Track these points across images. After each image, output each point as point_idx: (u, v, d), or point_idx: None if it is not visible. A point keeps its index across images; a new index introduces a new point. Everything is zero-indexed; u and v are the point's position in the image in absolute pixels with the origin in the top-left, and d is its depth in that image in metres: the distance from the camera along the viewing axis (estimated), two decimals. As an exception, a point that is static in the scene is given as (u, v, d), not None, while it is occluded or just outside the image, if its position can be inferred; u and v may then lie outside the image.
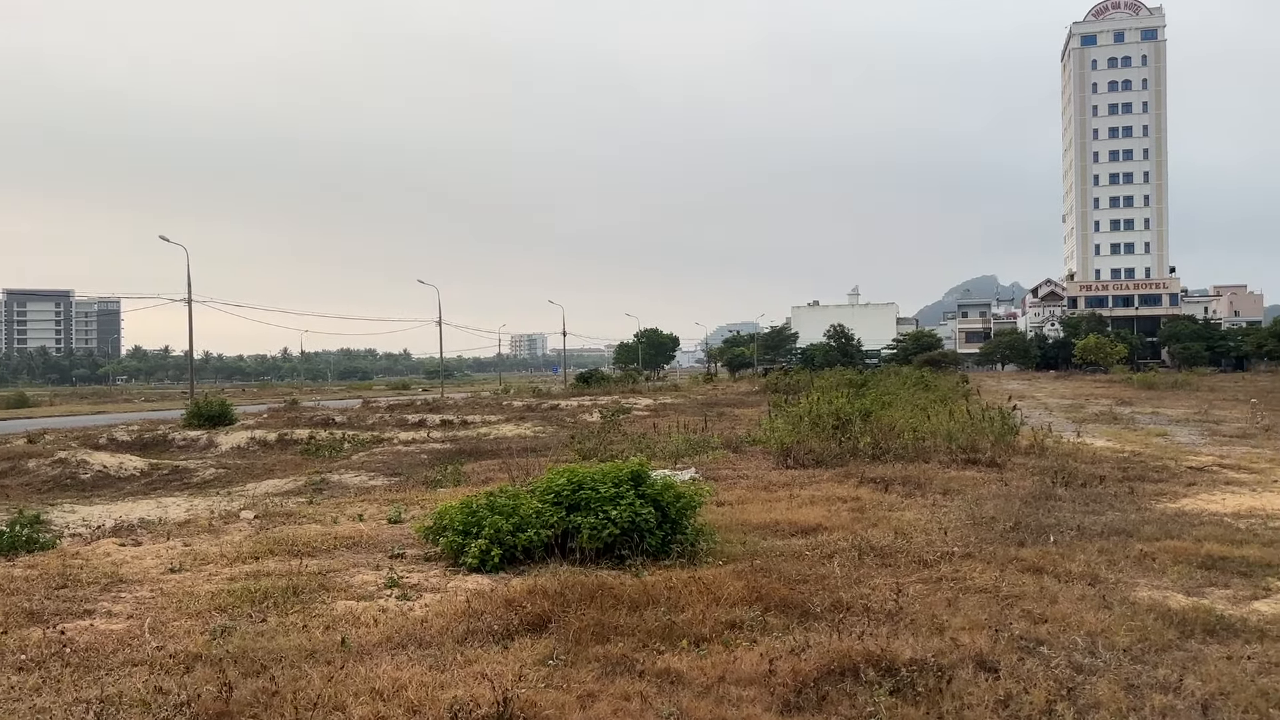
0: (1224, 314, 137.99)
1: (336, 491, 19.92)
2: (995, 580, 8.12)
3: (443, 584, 8.43)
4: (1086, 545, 9.70)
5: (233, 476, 25.44)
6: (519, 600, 7.28)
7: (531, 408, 47.39)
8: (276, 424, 39.52)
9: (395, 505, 13.26)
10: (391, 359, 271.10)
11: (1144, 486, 14.23)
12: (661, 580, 7.98)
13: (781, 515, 11.53)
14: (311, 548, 10.08)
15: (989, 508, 11.99)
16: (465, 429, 36.55)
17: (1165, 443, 22.39)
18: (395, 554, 9.76)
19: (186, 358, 71.86)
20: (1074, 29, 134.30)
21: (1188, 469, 16.43)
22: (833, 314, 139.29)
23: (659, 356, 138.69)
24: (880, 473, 15.00)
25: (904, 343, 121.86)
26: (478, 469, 19.96)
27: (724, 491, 13.31)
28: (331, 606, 7.69)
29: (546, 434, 32.15)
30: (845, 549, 9.44)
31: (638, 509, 9.24)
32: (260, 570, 9.03)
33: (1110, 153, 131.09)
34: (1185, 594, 7.92)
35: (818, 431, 17.94)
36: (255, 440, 35.08)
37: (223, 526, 12.10)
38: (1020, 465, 16.21)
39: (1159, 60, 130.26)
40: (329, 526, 11.69)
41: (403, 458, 25.81)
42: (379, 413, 46.23)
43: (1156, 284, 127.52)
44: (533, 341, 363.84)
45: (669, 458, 18.36)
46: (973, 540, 9.89)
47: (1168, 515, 11.66)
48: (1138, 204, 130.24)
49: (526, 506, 9.41)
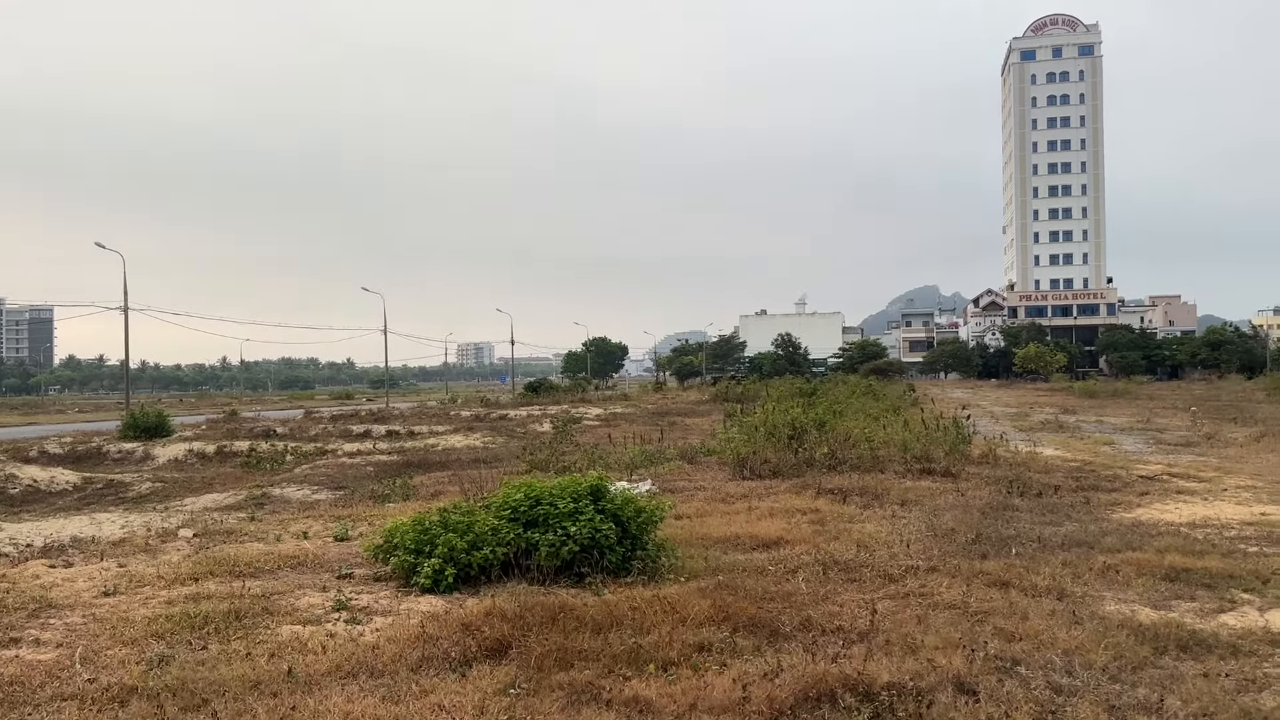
0: (1159, 324, 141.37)
1: (279, 506, 19.30)
2: (963, 595, 7.98)
3: (394, 606, 8.07)
4: (1049, 557, 9.63)
5: (170, 490, 24.61)
6: (476, 624, 6.95)
7: (480, 418, 46.79)
8: (215, 435, 38.50)
9: (341, 522, 12.81)
10: (334, 368, 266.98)
11: (1098, 496, 14.29)
12: (624, 599, 7.71)
13: (742, 528, 11.32)
14: (254, 568, 9.63)
15: (948, 519, 11.91)
16: (412, 440, 35.89)
17: (1113, 451, 22.66)
18: (343, 574, 9.36)
19: (122, 367, 69.98)
20: (1014, 44, 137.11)
21: (1139, 478, 16.57)
22: (780, 323, 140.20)
23: (608, 365, 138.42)
24: (837, 483, 14.88)
25: (850, 352, 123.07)
26: (427, 482, 19.48)
27: (682, 504, 13.07)
28: (276, 632, 7.30)
29: (497, 444, 31.67)
30: (809, 563, 9.25)
31: (598, 525, 8.96)
32: (200, 593, 8.58)
33: (1049, 165, 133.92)
34: (1153, 607, 7.85)
35: (773, 442, 17.79)
36: (193, 452, 34.10)
37: (160, 545, 11.57)
38: (975, 475, 16.21)
39: (1095, 76, 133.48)
40: (272, 545, 11.23)
41: (347, 470, 25.18)
42: (322, 423, 45.30)
43: (1094, 294, 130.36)
44: (480, 350, 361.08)
45: (624, 469, 18.08)
46: (935, 553, 9.77)
47: (1125, 525, 11.67)
48: (1076, 216, 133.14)
49: (482, 523, 9.07)
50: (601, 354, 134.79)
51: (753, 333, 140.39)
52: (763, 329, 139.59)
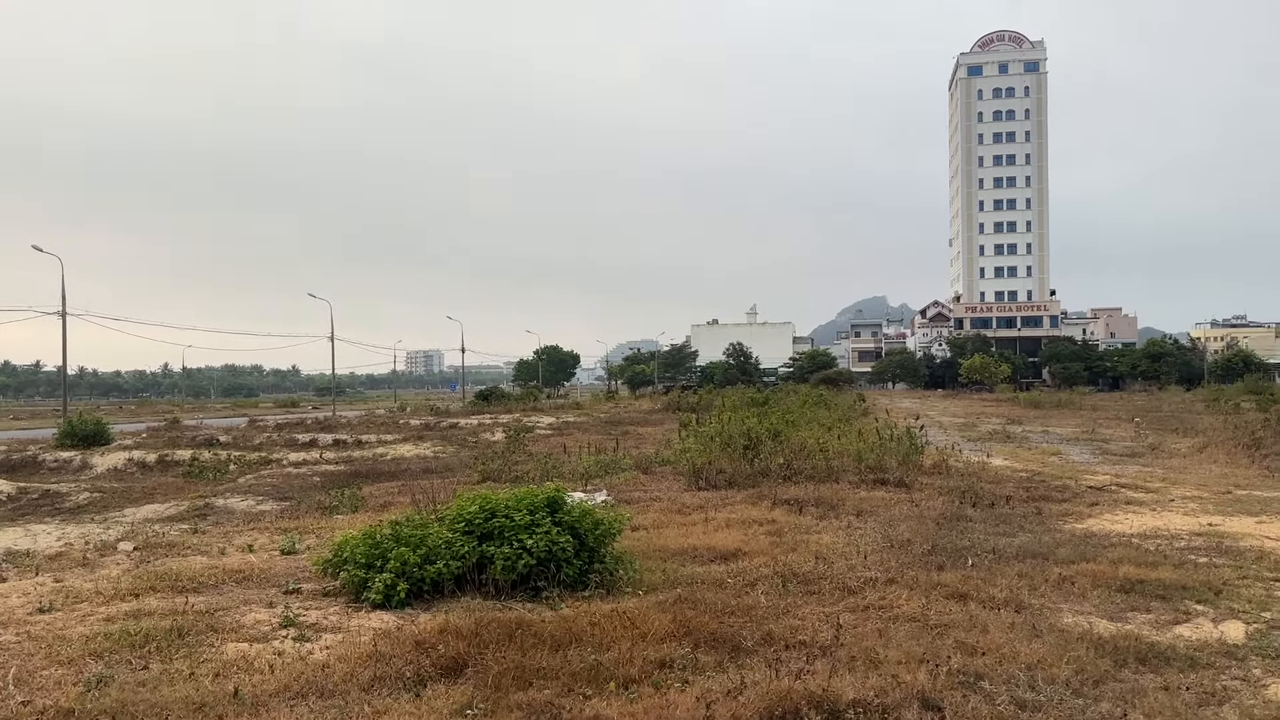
0: (1101, 335, 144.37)
1: (222, 517, 18.83)
2: (922, 608, 7.94)
3: (344, 623, 7.82)
4: (1005, 569, 9.65)
5: (109, 501, 23.93)
6: (431, 641, 6.75)
7: (430, 426, 46.22)
8: (157, 444, 37.56)
9: (288, 534, 12.47)
10: (280, 375, 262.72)
11: (1049, 507, 14.42)
12: (583, 614, 7.55)
13: (699, 540, 11.22)
14: (197, 583, 9.31)
15: (903, 529, 11.92)
16: (360, 449, 35.34)
17: (1061, 461, 22.96)
18: (290, 589, 9.08)
19: (60, 373, 68.16)
20: (961, 59, 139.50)
21: (1088, 488, 16.77)
22: (731, 333, 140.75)
23: (560, 374, 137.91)
24: (793, 494, 14.85)
25: (800, 361, 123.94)
26: (376, 492, 19.14)
27: (638, 515, 12.93)
28: (221, 650, 7.03)
29: (448, 454, 31.27)
30: (768, 576, 9.17)
31: (554, 537, 8.80)
32: (141, 609, 8.26)
33: (995, 179, 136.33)
34: (1110, 619, 7.88)
35: (729, 452, 17.74)
36: (134, 461, 33.24)
37: (99, 559, 11.16)
38: (927, 485, 16.29)
39: (1040, 92, 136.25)
40: (216, 558, 10.89)
41: (293, 480, 24.67)
42: (267, 432, 44.44)
43: (1038, 306, 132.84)
44: (430, 358, 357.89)
45: (578, 479, 17.91)
46: (893, 565, 9.74)
47: (1078, 536, 11.77)
48: (1020, 229, 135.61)
49: (435, 536, 8.86)
50: (553, 362, 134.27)
51: (704, 342, 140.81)
52: (714, 338, 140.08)
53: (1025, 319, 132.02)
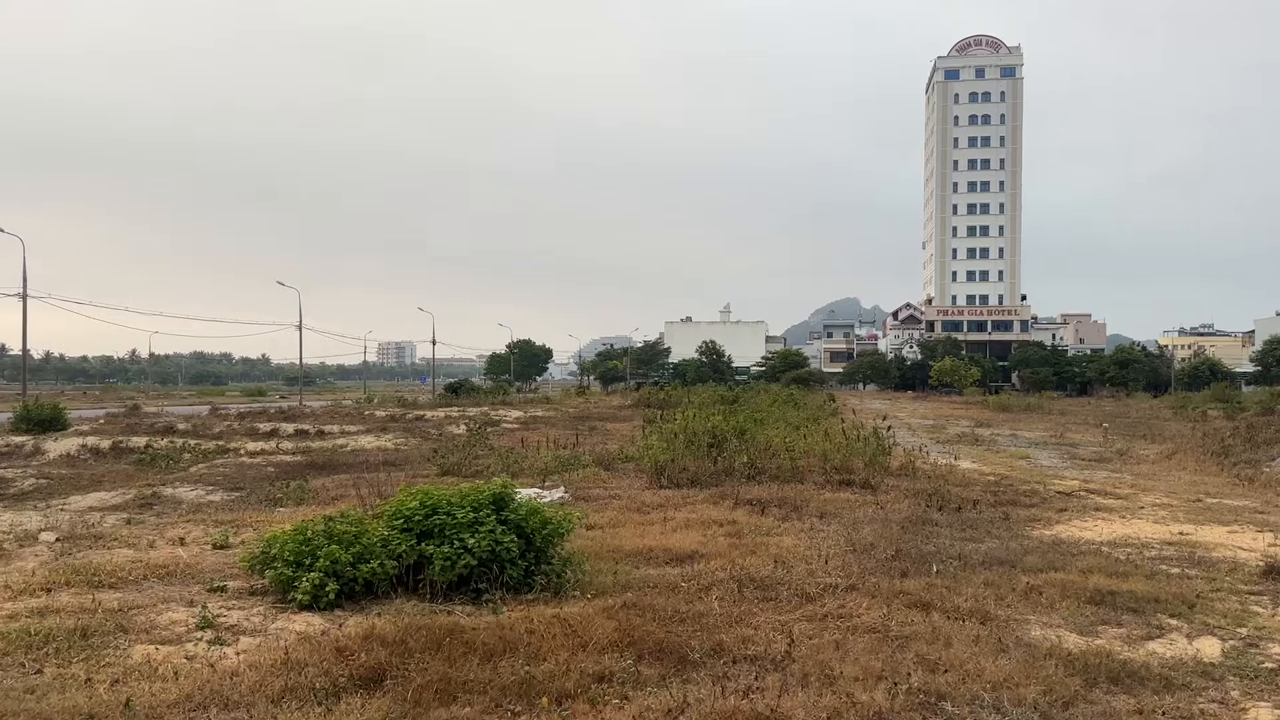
0: (1070, 341, 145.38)
1: (168, 507, 18.17)
2: (883, 618, 7.51)
3: (266, 625, 7.29)
4: (971, 576, 9.25)
5: (55, 487, 23.13)
6: (352, 648, 6.23)
7: (395, 418, 45.48)
8: (113, 430, 36.64)
9: (223, 528, 11.87)
10: (249, 364, 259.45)
11: (1017, 512, 14.08)
12: (521, 620, 7.06)
13: (655, 541, 10.75)
14: (117, 578, 8.72)
15: (867, 533, 11.52)
16: (321, 440, 34.59)
17: (1029, 465, 22.71)
18: (215, 587, 8.51)
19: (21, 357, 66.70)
20: (938, 63, 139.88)
21: (1056, 494, 16.46)
22: (705, 330, 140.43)
23: (532, 368, 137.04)
24: (756, 494, 14.42)
25: (773, 361, 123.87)
26: (328, 485, 18.53)
27: (595, 513, 12.46)
28: (127, 653, 6.49)
29: (409, 447, 30.63)
30: (724, 580, 8.71)
31: (499, 537, 8.29)
32: (49, 606, 7.68)
33: (969, 184, 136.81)
34: (1079, 633, 7.49)
35: (693, 450, 17.28)
36: (87, 448, 32.33)
37: (16, 550, 10.51)
38: (894, 487, 15.91)
39: (1016, 97, 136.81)
40: (143, 552, 10.28)
41: (247, 470, 23.99)
42: (228, 420, 43.51)
43: (1009, 310, 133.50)
44: (401, 350, 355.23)
45: (537, 475, 17.40)
46: (855, 570, 9.32)
47: (1046, 543, 11.41)
48: (993, 234, 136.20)
49: (371, 534, 8.33)
50: (526, 356, 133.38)
51: (678, 339, 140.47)
52: (688, 336, 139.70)
53: (996, 323, 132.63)
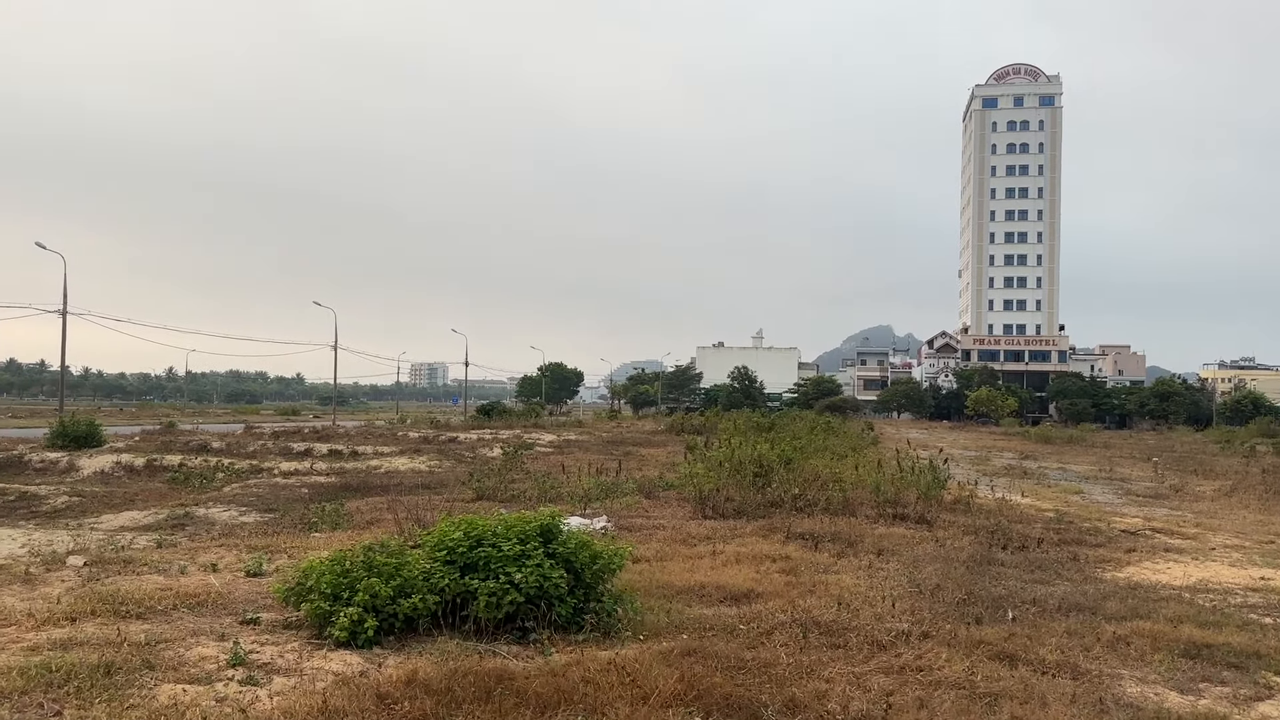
0: (1109, 373, 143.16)
1: (201, 527, 17.85)
2: (967, 671, 6.91)
3: (301, 663, 6.80)
4: (1051, 624, 8.62)
5: (88, 506, 22.95)
6: (394, 695, 5.73)
7: (429, 439, 45.20)
8: (147, 448, 36.59)
9: (256, 554, 11.44)
10: (284, 383, 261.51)
11: (1084, 551, 13.38)
12: (575, 665, 6.53)
13: (706, 576, 10.20)
14: (145, 608, 8.28)
15: (930, 572, 10.89)
16: (355, 460, 34.31)
17: (1084, 501, 21.90)
18: (248, 619, 8.05)
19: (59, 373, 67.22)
20: (976, 91, 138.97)
21: (1121, 532, 15.72)
22: (737, 356, 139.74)
23: (563, 391, 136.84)
24: (807, 527, 13.81)
25: (805, 387, 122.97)
26: (363, 508, 18.11)
27: (640, 545, 11.91)
28: (153, 694, 6.01)
29: (443, 469, 30.24)
30: (786, 623, 8.13)
31: (546, 571, 7.78)
32: (73, 638, 7.24)
33: (1006, 212, 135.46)
34: (1179, 692, 6.85)
35: (738, 479, 16.71)
36: (121, 465, 32.29)
37: (43, 575, 10.12)
38: (951, 523, 15.24)
39: (1055, 126, 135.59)
40: (173, 578, 9.86)
41: (280, 491, 23.67)
42: (262, 440, 43.41)
43: (1046, 341, 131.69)
44: (434, 371, 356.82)
45: (577, 502, 16.89)
46: (925, 615, 8.71)
47: (1122, 588, 10.72)
48: (1031, 263, 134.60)
49: (412, 566, 7.84)
50: (557, 379, 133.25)
51: (709, 364, 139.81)
52: (719, 361, 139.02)
53: (1033, 353, 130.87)
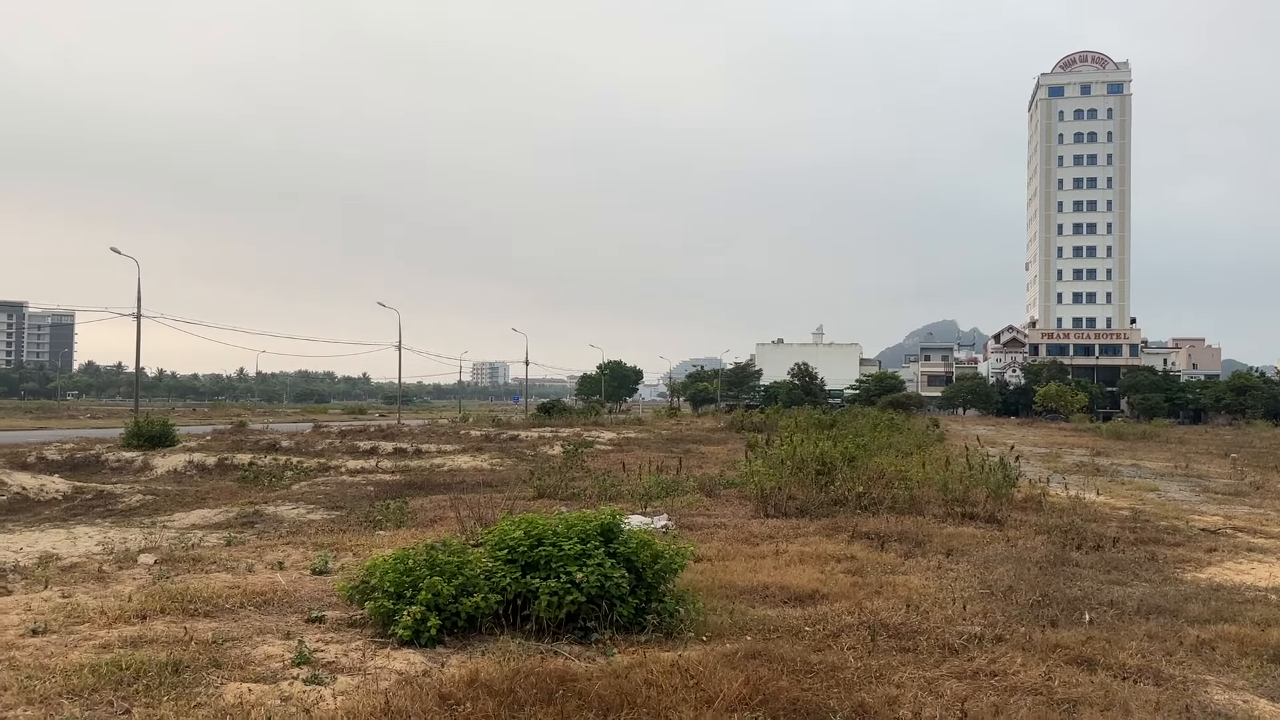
0: (1182, 366, 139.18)
1: (270, 525, 18.12)
2: (1043, 676, 6.67)
3: (365, 662, 6.81)
4: (1130, 627, 8.31)
5: (160, 504, 23.47)
6: (457, 696, 5.68)
7: (490, 438, 45.56)
8: (219, 447, 37.42)
9: (322, 551, 11.55)
10: (350, 382, 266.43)
11: (1162, 551, 12.91)
12: (638, 667, 6.43)
13: (770, 576, 10.04)
14: (212, 605, 8.39)
15: (1002, 573, 10.59)
16: (418, 459, 34.70)
17: (1160, 498, 21.22)
18: (313, 617, 8.11)
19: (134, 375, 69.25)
20: (1042, 80, 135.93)
21: (1200, 531, 15.17)
22: (797, 352, 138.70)
23: (622, 389, 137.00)
24: (872, 526, 13.55)
25: (867, 384, 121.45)
26: (426, 505, 18.24)
27: (702, 543, 11.78)
28: (220, 692, 6.06)
29: (504, 467, 30.42)
30: (852, 625, 7.95)
31: (608, 571, 7.70)
32: (143, 635, 7.35)
33: (1074, 203, 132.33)
34: (1271, 699, 6.54)
35: (800, 477, 16.48)
36: (193, 464, 33.04)
37: (115, 572, 10.33)
38: (1022, 522, 14.84)
39: (1124, 114, 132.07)
40: (241, 576, 9.99)
41: (347, 489, 23.99)
42: (329, 438, 44.15)
43: (1117, 334, 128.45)
44: (495, 370, 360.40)
45: (637, 500, 16.81)
46: (998, 617, 8.45)
47: (1204, 589, 10.31)
48: (1100, 254, 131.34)
49: (474, 564, 7.83)
50: (616, 377, 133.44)
51: (769, 361, 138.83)
52: (779, 358, 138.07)
53: (1104, 347, 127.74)
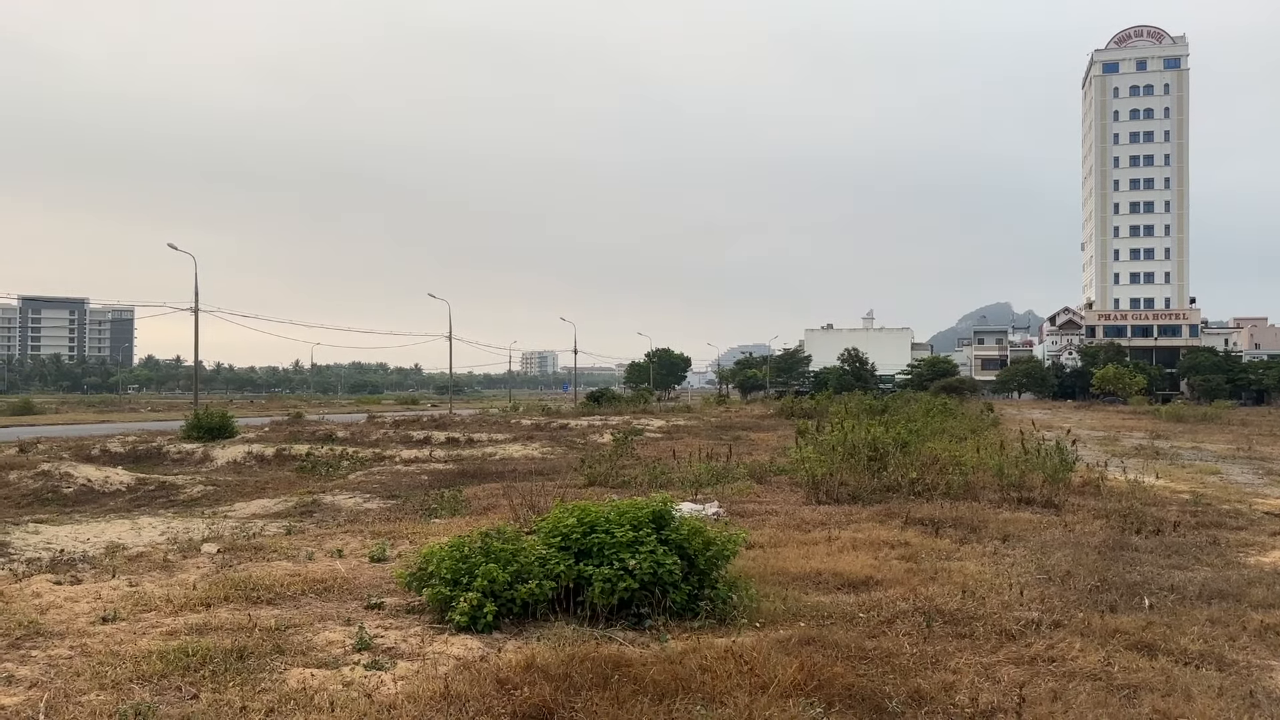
0: (1244, 346, 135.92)
1: (328, 514, 18.46)
2: (1103, 662, 6.58)
3: (423, 648, 6.93)
4: (1192, 612, 8.16)
5: (221, 494, 23.98)
6: (514, 680, 5.77)
7: (540, 426, 45.87)
8: (277, 438, 38.13)
9: (380, 540, 11.75)
10: (402, 373, 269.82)
11: (1224, 535, 12.64)
12: (692, 653, 6.47)
13: (823, 563, 10.01)
14: (275, 593, 8.59)
15: (1060, 559, 10.45)
16: (470, 448, 35.06)
17: (1221, 482, 20.76)
18: (372, 604, 8.27)
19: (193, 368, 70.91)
20: (1095, 56, 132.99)
21: (1264, 514, 14.83)
22: (846, 338, 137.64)
23: (670, 377, 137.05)
24: (926, 512, 13.43)
25: (919, 368, 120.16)
26: (479, 494, 18.45)
27: (753, 530, 11.77)
28: (283, 678, 6.20)
29: (555, 455, 30.63)
30: (907, 611, 7.91)
31: (660, 558, 7.75)
32: (208, 622, 7.55)
33: (1131, 181, 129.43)
34: (1339, 685, 6.38)
35: (851, 463, 16.38)
36: (252, 455, 33.65)
37: (180, 561, 10.60)
38: (1079, 506, 14.62)
39: (1181, 89, 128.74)
40: (301, 564, 10.20)
41: (402, 478, 24.32)
42: (383, 429, 44.79)
43: (1176, 314, 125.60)
44: (544, 359, 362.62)
45: (688, 487, 16.85)
46: (1056, 603, 8.35)
47: (1268, 573, 10.08)
48: (1158, 233, 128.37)
49: (528, 552, 7.91)
50: (664, 365, 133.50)
51: (818, 347, 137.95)
52: (828, 343, 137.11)
53: (1162, 328, 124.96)
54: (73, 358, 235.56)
